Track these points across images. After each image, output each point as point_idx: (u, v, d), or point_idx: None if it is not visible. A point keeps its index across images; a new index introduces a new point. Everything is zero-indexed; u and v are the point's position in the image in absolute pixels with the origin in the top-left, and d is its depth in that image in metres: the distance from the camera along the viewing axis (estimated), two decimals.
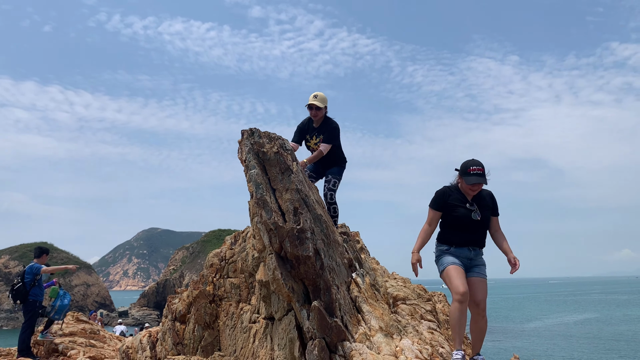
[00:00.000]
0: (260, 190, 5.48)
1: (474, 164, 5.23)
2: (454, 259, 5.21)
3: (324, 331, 5.16)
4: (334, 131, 7.35)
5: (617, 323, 56.05)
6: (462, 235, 5.27)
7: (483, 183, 5.22)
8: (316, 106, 7.26)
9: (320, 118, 7.36)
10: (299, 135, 7.54)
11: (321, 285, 5.39)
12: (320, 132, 7.35)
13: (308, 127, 7.47)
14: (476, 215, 5.23)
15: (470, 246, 5.28)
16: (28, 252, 65.78)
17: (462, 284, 5.02)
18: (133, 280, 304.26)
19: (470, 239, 5.27)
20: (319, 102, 7.26)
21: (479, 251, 5.35)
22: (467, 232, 5.26)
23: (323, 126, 7.37)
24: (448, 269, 5.16)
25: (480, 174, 5.19)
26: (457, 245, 5.27)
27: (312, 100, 7.26)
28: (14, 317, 61.30)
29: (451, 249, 5.28)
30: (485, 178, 5.22)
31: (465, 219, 5.23)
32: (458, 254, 5.25)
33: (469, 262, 5.28)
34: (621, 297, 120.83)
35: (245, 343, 6.66)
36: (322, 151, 7.21)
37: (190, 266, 74.02)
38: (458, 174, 5.39)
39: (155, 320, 61.56)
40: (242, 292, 7.48)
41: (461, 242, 5.27)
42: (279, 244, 5.38)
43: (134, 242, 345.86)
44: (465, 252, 5.27)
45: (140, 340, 8.66)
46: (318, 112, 7.31)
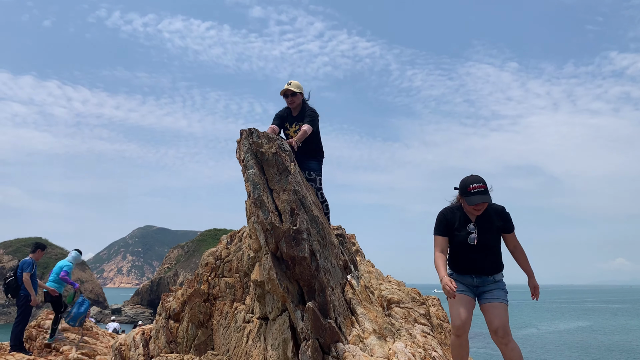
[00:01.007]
0: (258, 190, 5.49)
1: (474, 182, 4.64)
2: (457, 286, 4.61)
3: (318, 332, 5.17)
4: (314, 114, 7.02)
5: (611, 332, 56.17)
6: (463, 262, 4.72)
7: (487, 202, 4.60)
8: (291, 92, 6.97)
9: (298, 105, 7.06)
10: (279, 121, 7.20)
11: (316, 286, 5.40)
12: (300, 119, 7.05)
13: (287, 116, 7.17)
14: (473, 239, 4.63)
15: (473, 274, 4.69)
16: (23, 247, 65.60)
17: (458, 316, 4.56)
18: (127, 277, 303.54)
19: (471, 266, 4.69)
20: (294, 87, 7.00)
21: (486, 278, 4.69)
22: (466, 259, 4.69)
23: (302, 114, 7.06)
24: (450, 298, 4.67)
25: (483, 192, 4.59)
26: (459, 272, 4.77)
27: (287, 87, 6.99)
28: (6, 312, 61.09)
29: (454, 275, 4.79)
30: (489, 195, 4.62)
31: (462, 244, 4.67)
32: (461, 280, 4.73)
33: (476, 289, 4.73)
34: (614, 305, 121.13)
35: (238, 342, 6.67)
36: (306, 131, 6.78)
37: (185, 265, 73.90)
38: (458, 193, 4.80)
39: (148, 318, 61.43)
40: (236, 292, 7.49)
41: (462, 269, 4.74)
42: (275, 244, 5.40)
43: (129, 240, 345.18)
44: (468, 280, 4.72)
45: (133, 338, 8.66)
46: (294, 99, 7.01)
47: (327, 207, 7.13)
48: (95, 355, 10.57)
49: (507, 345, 4.50)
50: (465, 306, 4.58)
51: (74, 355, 10.20)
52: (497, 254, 4.72)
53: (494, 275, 4.69)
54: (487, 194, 4.61)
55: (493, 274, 4.69)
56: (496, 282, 4.68)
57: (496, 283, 4.67)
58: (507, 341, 4.50)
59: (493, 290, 4.66)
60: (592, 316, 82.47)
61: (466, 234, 4.64)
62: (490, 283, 4.68)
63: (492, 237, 4.68)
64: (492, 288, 4.66)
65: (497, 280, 4.70)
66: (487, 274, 4.68)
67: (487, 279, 4.68)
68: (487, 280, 4.68)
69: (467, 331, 4.59)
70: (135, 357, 8.32)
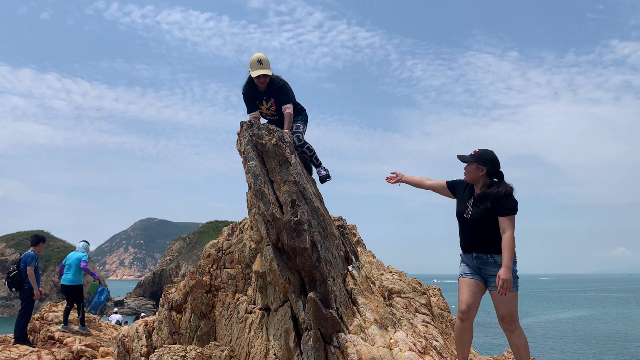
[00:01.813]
0: (259, 181, 5.51)
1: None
2: (463, 268, 4.73)
3: (319, 322, 5.21)
4: (286, 89, 6.58)
5: (612, 321, 56.33)
6: (462, 238, 4.78)
7: (464, 160, 4.76)
8: (265, 75, 6.44)
9: (267, 83, 6.57)
10: (250, 103, 6.73)
11: (317, 277, 5.44)
12: (269, 94, 6.59)
13: (254, 93, 6.65)
14: (467, 213, 4.65)
15: (474, 252, 4.67)
16: (24, 240, 65.74)
17: (464, 300, 4.54)
18: (129, 269, 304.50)
19: (468, 243, 4.70)
20: (267, 70, 6.43)
21: (485, 258, 4.60)
22: (464, 234, 4.75)
23: (271, 88, 6.57)
24: (458, 281, 4.70)
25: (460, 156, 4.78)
26: (463, 251, 4.80)
27: (259, 69, 6.38)
28: (9, 305, 61.37)
29: (461, 255, 4.83)
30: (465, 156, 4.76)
31: (459, 215, 4.76)
32: (466, 261, 4.75)
33: (479, 270, 4.68)
34: (615, 294, 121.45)
35: (240, 333, 6.72)
36: (290, 113, 6.47)
37: (187, 257, 74.11)
38: None
39: (150, 310, 61.71)
40: (238, 283, 7.53)
41: (463, 246, 4.79)
42: (276, 236, 5.42)
43: (131, 232, 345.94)
44: (469, 259, 4.71)
45: (136, 329, 8.71)
46: (266, 80, 6.51)
47: (311, 150, 6.67)
48: (99, 346, 10.64)
49: (514, 332, 4.49)
50: (473, 290, 4.54)
51: (78, 347, 10.27)
52: (491, 233, 4.53)
53: (494, 255, 4.54)
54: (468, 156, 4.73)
55: (490, 253, 4.55)
56: (498, 265, 4.50)
57: (499, 267, 4.49)
58: (513, 328, 4.48)
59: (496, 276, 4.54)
60: (593, 305, 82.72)
61: (464, 208, 4.70)
62: (491, 266, 4.56)
63: (483, 213, 4.55)
64: (495, 273, 4.51)
65: (499, 262, 4.51)
66: (483, 251, 4.57)
67: (487, 259, 4.58)
68: (487, 261, 4.58)
69: (472, 317, 4.57)
70: (138, 349, 8.39)
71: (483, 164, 4.69)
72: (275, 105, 6.64)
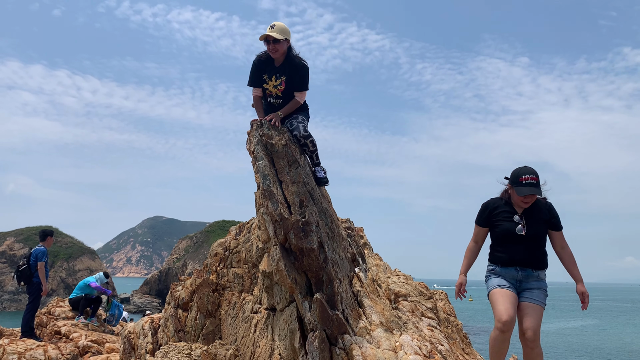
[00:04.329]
0: (267, 181, 5.52)
1: (526, 172, 4.61)
2: (500, 281, 4.60)
3: (325, 323, 5.20)
4: (305, 73, 5.81)
5: (620, 332, 55.76)
6: (508, 253, 4.62)
7: (537, 194, 4.56)
8: (273, 38, 5.56)
9: (282, 54, 5.71)
10: (256, 75, 5.89)
11: (324, 278, 5.43)
12: (283, 72, 5.77)
13: (267, 66, 5.82)
14: (521, 230, 4.55)
15: (518, 266, 4.59)
16: (33, 235, 66.22)
17: (505, 311, 4.40)
18: (136, 267, 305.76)
19: (517, 257, 4.58)
20: (277, 33, 5.53)
21: (530, 272, 4.60)
22: (512, 250, 4.60)
23: (287, 65, 5.76)
24: (493, 292, 4.58)
25: (534, 184, 4.56)
26: (503, 265, 4.65)
27: (268, 31, 5.54)
28: (17, 299, 61.82)
29: (496, 269, 4.68)
30: (540, 189, 4.60)
31: (508, 234, 4.59)
32: (504, 275, 4.63)
33: (519, 284, 4.62)
34: (623, 304, 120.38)
35: (246, 333, 6.72)
36: (298, 101, 5.84)
37: (194, 256, 74.32)
38: (508, 183, 4.78)
39: (156, 307, 61.91)
40: (244, 282, 7.54)
41: (506, 261, 4.62)
42: (283, 236, 5.43)
43: (138, 230, 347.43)
44: (512, 273, 4.61)
45: (142, 326, 8.75)
46: (277, 47, 5.62)
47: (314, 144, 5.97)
48: (105, 343, 10.69)
49: (533, 349, 4.48)
50: (512, 302, 4.47)
51: (84, 343, 10.33)
52: (543, 249, 4.66)
53: (539, 271, 4.61)
54: (539, 188, 4.58)
55: (537, 270, 4.61)
56: (539, 280, 4.61)
57: (539, 282, 4.60)
58: (534, 345, 4.47)
59: (533, 290, 4.58)
60: (600, 315, 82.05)
61: (513, 225, 4.58)
62: (533, 280, 4.60)
63: (540, 229, 4.61)
64: (533, 287, 4.58)
65: (541, 278, 4.62)
66: (532, 267, 4.59)
67: (532, 274, 4.59)
68: (531, 275, 4.60)
69: (512, 328, 4.49)
70: (144, 345, 8.42)
71: None
72: (284, 86, 5.82)
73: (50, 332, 11.31)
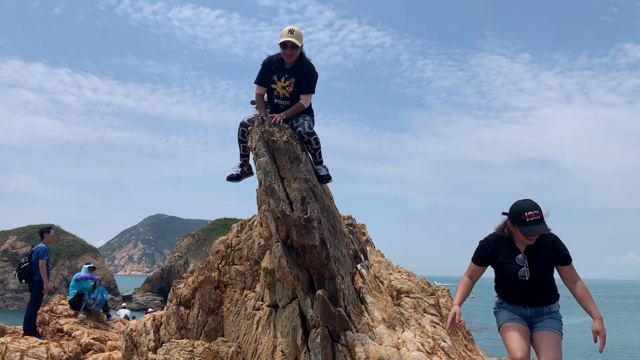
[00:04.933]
0: (269, 178, 5.51)
1: (529, 208, 4.10)
2: (510, 315, 4.30)
3: (327, 320, 5.20)
4: (314, 77, 6.00)
5: (623, 330, 55.70)
6: (513, 295, 4.30)
7: (545, 232, 4.11)
8: (293, 44, 5.83)
9: (295, 58, 5.97)
10: (264, 75, 6.07)
11: (326, 274, 5.43)
12: (292, 74, 5.96)
13: (277, 67, 6.03)
14: (524, 273, 4.18)
15: (527, 305, 4.28)
16: (35, 233, 66.23)
17: (519, 347, 4.06)
18: (138, 265, 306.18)
19: (524, 297, 4.26)
20: (297, 40, 5.82)
21: (541, 309, 4.28)
22: (518, 292, 4.26)
23: (297, 68, 5.98)
24: (504, 327, 4.26)
25: (539, 220, 4.09)
26: (511, 302, 4.34)
27: (288, 37, 5.78)
28: (19, 297, 61.96)
29: (504, 304, 4.39)
30: (546, 224, 4.11)
31: (512, 277, 4.23)
32: (513, 310, 4.33)
33: (529, 319, 4.31)
34: (624, 301, 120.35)
35: (248, 329, 6.72)
36: (302, 104, 5.94)
37: (195, 253, 74.37)
38: (507, 220, 4.28)
39: (158, 305, 62.02)
40: (246, 280, 7.54)
41: (514, 300, 4.32)
42: (285, 233, 5.42)
43: (140, 228, 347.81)
44: (521, 310, 4.30)
45: (144, 324, 8.75)
46: (294, 52, 5.90)
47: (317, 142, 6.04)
48: (107, 340, 10.71)
49: None
50: (525, 337, 4.18)
51: (86, 340, 10.34)
52: (551, 284, 4.31)
53: (550, 305, 4.30)
54: (544, 223, 4.11)
55: (548, 305, 4.30)
56: (552, 312, 4.30)
57: (551, 314, 4.29)
58: None
59: (545, 319, 4.26)
60: (602, 312, 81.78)
61: (516, 268, 4.20)
62: (545, 314, 4.29)
63: (545, 269, 4.21)
64: (545, 318, 4.27)
65: (554, 311, 4.31)
66: (542, 305, 4.29)
67: (542, 309, 4.29)
68: (542, 311, 4.29)
69: None
70: (146, 343, 8.42)
71: None
72: (293, 87, 5.99)
73: (52, 330, 11.32)
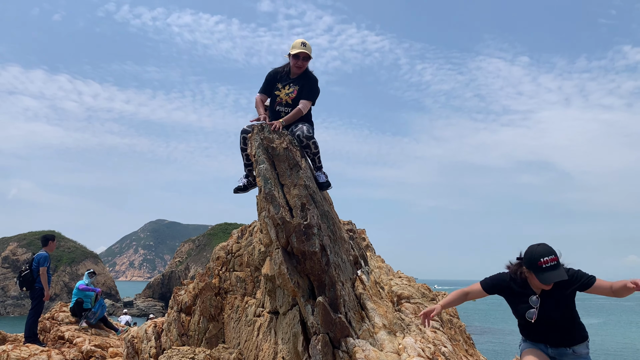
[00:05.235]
0: (269, 185, 5.52)
1: (544, 254, 3.81)
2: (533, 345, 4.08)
3: (328, 327, 5.20)
4: (316, 86, 6.25)
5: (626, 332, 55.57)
6: (531, 333, 4.06)
7: (564, 279, 3.78)
8: (306, 55, 6.13)
9: (303, 69, 6.27)
10: (269, 85, 6.34)
11: (326, 281, 5.43)
12: (297, 83, 6.21)
13: (282, 77, 6.30)
14: (531, 315, 3.90)
15: (547, 344, 4.01)
16: (36, 240, 66.26)
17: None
18: (139, 271, 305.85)
19: (541, 337, 4.01)
20: (309, 52, 6.17)
21: (564, 350, 3.96)
22: (534, 331, 4.02)
23: (302, 78, 6.24)
24: (524, 353, 4.06)
25: (555, 266, 3.78)
26: (531, 340, 4.10)
27: (302, 48, 6.10)
28: (20, 304, 61.88)
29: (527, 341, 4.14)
30: (563, 269, 3.81)
31: (525, 318, 3.95)
32: (535, 347, 4.06)
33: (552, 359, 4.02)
34: (627, 303, 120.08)
35: (249, 336, 6.72)
36: (301, 110, 6.06)
37: (196, 259, 74.34)
38: (522, 265, 3.95)
39: (159, 311, 61.92)
40: (247, 286, 7.54)
41: (532, 338, 4.08)
42: (285, 239, 5.43)
43: (141, 233, 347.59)
44: (542, 348, 4.04)
45: (145, 330, 8.75)
46: (305, 63, 6.20)
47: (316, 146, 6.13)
48: (108, 347, 10.70)
49: None
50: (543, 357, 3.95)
51: (87, 347, 10.34)
52: (571, 326, 3.96)
53: (574, 347, 3.95)
54: (561, 268, 3.81)
55: (571, 346, 3.96)
56: (577, 354, 3.96)
57: (577, 356, 3.96)
58: None
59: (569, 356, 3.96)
60: (604, 314, 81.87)
61: (526, 308, 3.93)
62: (568, 355, 3.97)
63: (560, 311, 3.89)
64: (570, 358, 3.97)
65: (580, 354, 3.95)
66: (563, 345, 3.98)
67: (565, 350, 3.97)
68: (565, 352, 3.97)
69: None
70: (147, 350, 8.42)
71: None
72: (296, 94, 6.20)
73: (53, 337, 11.31)
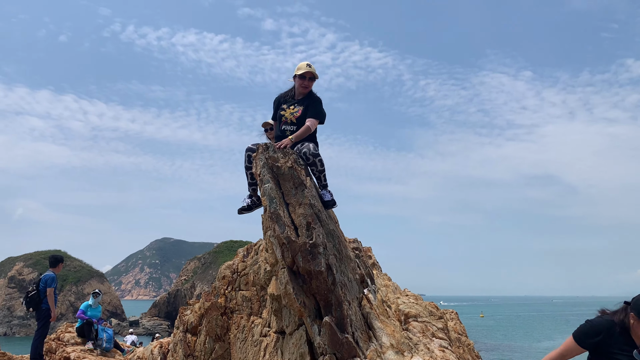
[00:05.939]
0: (274, 204, 5.52)
1: None
2: None
3: (335, 347, 5.16)
4: (320, 106, 6.39)
5: None
6: None
7: None
8: (312, 75, 6.34)
9: (309, 90, 6.42)
10: (276, 110, 6.57)
11: (333, 300, 5.40)
12: (301, 103, 6.38)
13: (287, 99, 6.50)
14: None
15: None
16: (42, 259, 66.41)
17: None
18: (145, 289, 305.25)
19: None
20: (315, 72, 6.39)
21: None
22: None
23: (307, 99, 6.40)
24: None
25: None
26: None
27: (308, 69, 6.30)
28: (26, 324, 61.77)
29: None
30: None
31: None
32: None
33: None
34: None
35: (255, 356, 6.67)
36: (309, 127, 6.17)
37: (202, 277, 74.18)
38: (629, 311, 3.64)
39: (165, 330, 61.66)
40: (253, 305, 7.51)
41: None
42: (291, 258, 5.41)
43: (147, 252, 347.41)
44: None
45: (151, 351, 8.71)
46: (311, 84, 6.39)
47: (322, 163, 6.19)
48: None
49: None
50: None
51: None
52: None
53: None
54: None
55: None
56: None
57: None
58: None
59: None
60: None
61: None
62: None
63: None
64: None
65: None
66: None
67: None
68: None
69: None
70: None
71: None
72: (300, 113, 6.33)
73: (59, 358, 11.27)
